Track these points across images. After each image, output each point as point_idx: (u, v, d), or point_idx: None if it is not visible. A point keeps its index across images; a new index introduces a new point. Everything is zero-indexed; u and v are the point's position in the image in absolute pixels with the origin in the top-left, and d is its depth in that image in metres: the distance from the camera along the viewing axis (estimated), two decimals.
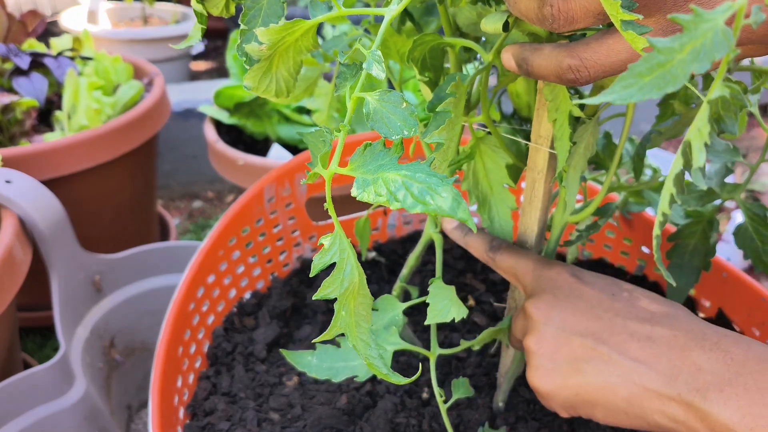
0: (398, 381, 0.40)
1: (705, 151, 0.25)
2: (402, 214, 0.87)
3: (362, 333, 0.38)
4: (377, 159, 0.33)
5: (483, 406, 0.59)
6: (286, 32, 0.36)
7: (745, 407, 0.35)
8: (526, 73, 0.38)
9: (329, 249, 0.35)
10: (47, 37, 1.29)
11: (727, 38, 0.22)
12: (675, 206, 0.61)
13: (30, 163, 0.89)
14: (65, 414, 0.73)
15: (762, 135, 1.90)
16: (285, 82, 0.40)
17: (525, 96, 0.56)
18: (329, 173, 0.34)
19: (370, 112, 0.33)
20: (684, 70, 0.22)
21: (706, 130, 0.25)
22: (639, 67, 0.23)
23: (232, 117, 1.23)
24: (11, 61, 1.03)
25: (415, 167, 0.32)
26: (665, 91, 0.23)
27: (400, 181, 0.31)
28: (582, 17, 0.32)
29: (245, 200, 0.72)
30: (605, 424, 0.44)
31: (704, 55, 0.22)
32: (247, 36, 0.37)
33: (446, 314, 0.47)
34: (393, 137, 0.32)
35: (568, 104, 0.41)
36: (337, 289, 0.36)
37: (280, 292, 0.74)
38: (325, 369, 0.53)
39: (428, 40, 0.44)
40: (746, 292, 0.65)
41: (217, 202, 1.62)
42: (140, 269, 0.93)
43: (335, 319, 0.37)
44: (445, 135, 0.41)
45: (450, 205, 0.30)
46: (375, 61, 0.33)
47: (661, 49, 0.23)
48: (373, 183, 0.32)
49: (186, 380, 0.62)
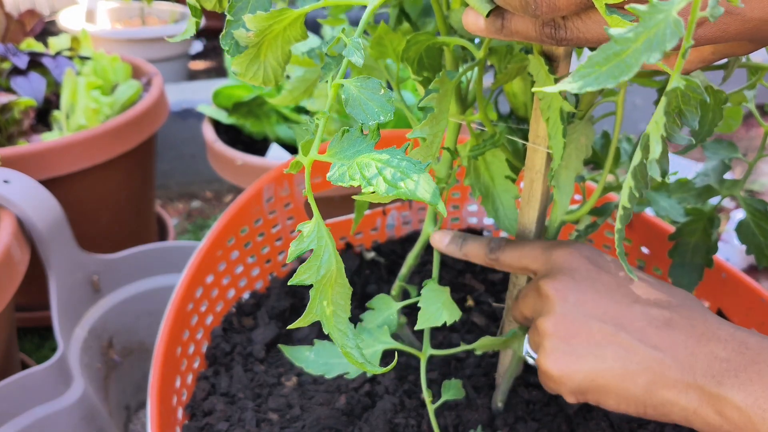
0: (373, 371, 0.40)
1: (662, 143, 0.25)
2: (401, 214, 0.87)
3: (339, 323, 0.38)
4: (354, 145, 0.34)
5: (482, 407, 0.59)
6: (274, 20, 0.36)
7: (759, 391, 0.35)
8: (501, 31, 0.37)
9: (307, 235, 0.35)
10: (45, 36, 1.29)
11: (678, 29, 0.22)
12: (675, 205, 0.61)
13: (28, 163, 0.89)
14: (63, 414, 0.72)
15: (761, 135, 1.90)
16: (273, 71, 0.40)
17: (521, 96, 0.56)
18: (309, 160, 0.35)
19: (348, 98, 0.33)
20: (637, 60, 0.23)
21: (662, 121, 0.26)
22: (596, 57, 0.24)
23: (230, 117, 1.22)
24: (9, 61, 1.03)
25: (391, 153, 0.32)
26: (619, 80, 0.23)
27: (373, 165, 0.32)
28: (565, 5, 0.32)
29: (244, 200, 0.72)
30: (613, 412, 0.44)
31: (656, 44, 0.22)
32: (233, 26, 0.38)
33: (438, 318, 0.47)
34: (369, 122, 0.33)
35: (560, 101, 0.41)
36: (313, 275, 0.36)
37: (278, 293, 0.74)
38: (321, 365, 0.53)
39: (422, 40, 0.44)
40: (745, 293, 0.65)
41: (215, 202, 1.62)
42: (138, 269, 0.93)
43: (310, 306, 0.37)
44: (428, 130, 0.41)
45: (422, 189, 0.30)
46: (354, 48, 0.33)
47: (618, 39, 0.23)
48: (348, 168, 0.33)
49: (184, 380, 0.62)
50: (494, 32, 0.37)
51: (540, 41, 0.35)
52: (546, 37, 0.35)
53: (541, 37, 0.35)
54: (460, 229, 0.90)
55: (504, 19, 0.36)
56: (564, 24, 0.34)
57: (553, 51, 0.42)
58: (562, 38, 0.34)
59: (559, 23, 0.34)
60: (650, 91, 0.64)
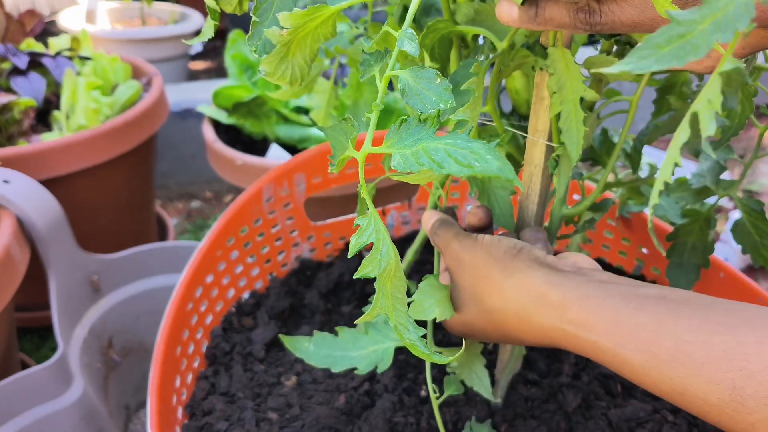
0: (441, 360, 0.40)
1: (715, 121, 0.26)
2: (401, 214, 0.87)
3: (400, 316, 0.39)
4: (414, 134, 0.34)
5: (481, 403, 0.59)
6: (309, 17, 0.36)
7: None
8: (535, 19, 0.36)
9: (365, 229, 0.36)
10: (45, 36, 1.29)
11: (748, 9, 0.22)
12: (672, 206, 0.61)
13: (28, 163, 0.89)
14: (63, 414, 0.72)
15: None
16: (300, 70, 0.40)
17: (524, 93, 0.56)
18: (362, 154, 0.35)
19: (405, 89, 0.33)
20: (706, 41, 0.23)
21: (719, 100, 0.26)
22: (656, 38, 0.24)
23: (230, 117, 1.23)
24: (9, 61, 1.03)
25: (453, 137, 0.32)
26: (686, 60, 0.23)
27: (442, 149, 0.32)
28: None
29: (244, 200, 0.72)
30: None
31: (726, 25, 0.23)
32: (259, 27, 0.38)
33: (429, 313, 0.47)
34: (429, 111, 0.33)
35: (578, 89, 0.42)
36: (376, 268, 0.36)
37: (278, 292, 0.74)
38: (323, 357, 0.52)
39: (441, 27, 0.44)
40: (744, 292, 0.66)
41: (215, 202, 1.62)
42: (138, 269, 0.93)
43: (376, 299, 0.37)
44: (469, 113, 0.42)
45: (498, 166, 0.31)
46: (407, 38, 0.33)
47: (681, 21, 0.23)
48: (413, 155, 0.33)
49: (184, 380, 0.62)
50: (527, 21, 0.37)
51: (573, 28, 0.35)
52: (580, 23, 0.35)
53: (575, 23, 0.35)
54: None
55: (538, 7, 0.36)
56: (599, 8, 0.34)
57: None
58: (596, 23, 0.34)
59: (594, 8, 0.34)
60: (649, 91, 0.64)
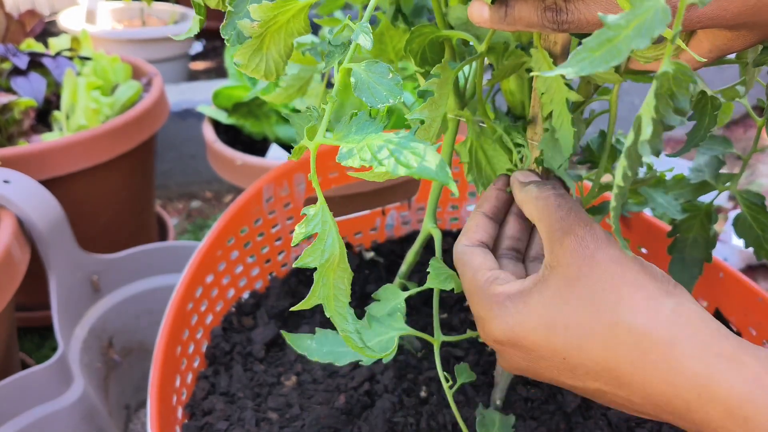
0: (372, 356, 0.40)
1: (653, 125, 0.27)
2: (400, 214, 0.87)
3: (340, 306, 0.38)
4: (363, 129, 0.34)
5: (481, 404, 0.59)
6: (278, 10, 0.36)
7: None
8: (505, 19, 0.37)
9: (312, 219, 0.36)
10: (45, 36, 1.29)
11: (665, 15, 0.23)
12: (672, 202, 0.61)
13: (28, 163, 0.89)
14: (63, 414, 0.73)
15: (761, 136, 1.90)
16: (275, 64, 0.40)
17: (519, 94, 0.56)
18: (315, 144, 0.35)
19: (357, 82, 0.34)
20: (627, 45, 0.24)
21: (653, 104, 0.27)
22: (591, 42, 0.25)
23: (230, 117, 1.23)
24: (9, 61, 1.03)
25: (399, 135, 0.33)
26: (611, 64, 0.25)
27: (384, 145, 0.32)
28: None
29: (244, 200, 0.73)
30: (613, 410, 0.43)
31: (645, 31, 0.24)
32: (234, 17, 0.38)
33: (446, 283, 0.47)
34: (378, 106, 0.33)
35: (563, 91, 0.42)
36: (318, 259, 0.36)
37: (278, 292, 0.75)
38: (326, 353, 0.52)
39: (426, 32, 0.44)
40: (743, 292, 0.66)
41: (215, 203, 1.62)
42: (138, 269, 0.93)
43: (314, 289, 0.37)
44: (427, 113, 0.42)
45: (436, 168, 0.31)
46: (363, 32, 0.33)
47: (611, 25, 0.25)
48: (358, 150, 0.33)
49: (184, 380, 0.62)
50: (497, 21, 0.37)
51: (542, 27, 0.36)
52: (548, 22, 0.35)
53: (543, 21, 0.35)
54: (459, 229, 0.90)
55: (507, 7, 0.37)
56: (566, 7, 0.34)
57: (551, 49, 0.43)
58: (563, 21, 0.35)
59: (561, 6, 0.34)
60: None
